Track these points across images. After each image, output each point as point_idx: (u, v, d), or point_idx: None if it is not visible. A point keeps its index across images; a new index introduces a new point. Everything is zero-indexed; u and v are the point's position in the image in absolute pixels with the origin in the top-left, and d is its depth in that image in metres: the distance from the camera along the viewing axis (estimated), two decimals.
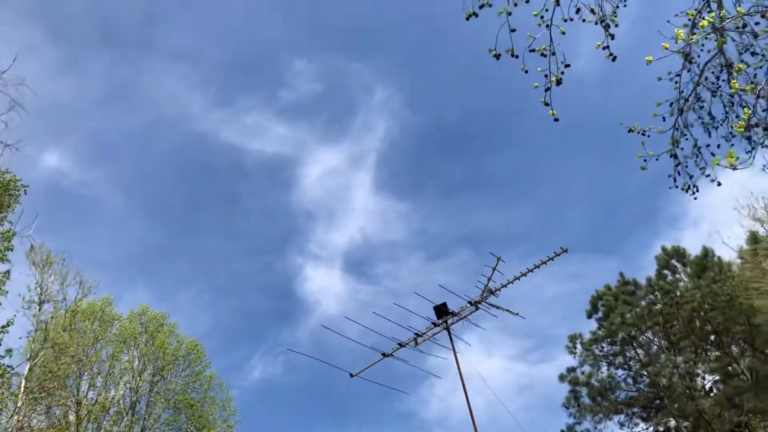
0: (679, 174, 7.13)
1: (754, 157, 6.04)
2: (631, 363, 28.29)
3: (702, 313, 25.51)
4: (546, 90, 6.25)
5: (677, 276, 28.22)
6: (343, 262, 65.53)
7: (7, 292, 15.39)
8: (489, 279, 13.69)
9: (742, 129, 5.85)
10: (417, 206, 71.23)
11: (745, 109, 6.03)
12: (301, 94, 65.94)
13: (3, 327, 15.24)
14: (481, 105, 68.21)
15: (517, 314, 13.88)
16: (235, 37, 64.05)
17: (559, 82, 6.19)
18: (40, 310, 24.51)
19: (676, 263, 28.51)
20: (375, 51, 69.49)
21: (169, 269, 54.91)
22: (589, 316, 29.42)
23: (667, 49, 5.89)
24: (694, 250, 28.11)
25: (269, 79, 66.34)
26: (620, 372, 28.64)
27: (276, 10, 63.68)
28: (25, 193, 17.09)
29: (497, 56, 6.26)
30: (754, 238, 24.66)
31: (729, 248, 26.36)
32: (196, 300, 50.60)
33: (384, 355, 13.19)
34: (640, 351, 28.19)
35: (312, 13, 64.85)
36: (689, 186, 7.11)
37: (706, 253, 27.42)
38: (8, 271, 15.56)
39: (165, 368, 26.96)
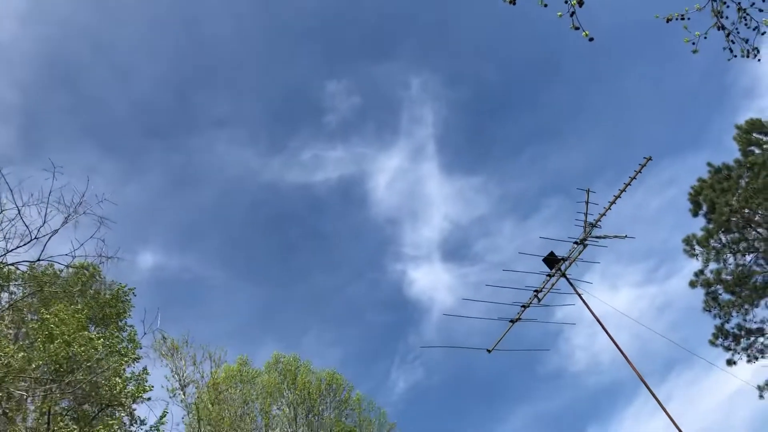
0: (733, 43, 6.91)
1: None
2: (755, 244, 27.06)
3: None
4: (571, 15, 6.23)
5: (765, 147, 26.77)
6: (441, 254, 65.79)
7: (152, 387, 16.30)
8: (586, 213, 13.41)
9: None
10: (490, 174, 70.69)
11: None
12: (344, 113, 66.93)
13: (160, 419, 16.25)
14: (515, 57, 67.11)
15: (626, 236, 13.55)
16: (263, 87, 65.90)
17: (581, 3, 6.16)
18: (184, 394, 26.00)
19: (759, 136, 27.05)
20: (395, 46, 69.68)
21: (285, 319, 56.66)
22: (695, 214, 28.24)
23: None
24: None
25: (309, 111, 67.63)
26: (748, 257, 27.43)
27: (289, 49, 65.05)
28: (135, 296, 18.23)
29: (512, 2, 6.29)
30: None
31: None
32: (320, 338, 51.91)
33: (512, 321, 13.08)
34: (760, 230, 26.93)
35: (323, 38, 65.83)
36: (748, 51, 6.89)
37: None
38: (145, 368, 16.48)
39: (315, 407, 27.88)
